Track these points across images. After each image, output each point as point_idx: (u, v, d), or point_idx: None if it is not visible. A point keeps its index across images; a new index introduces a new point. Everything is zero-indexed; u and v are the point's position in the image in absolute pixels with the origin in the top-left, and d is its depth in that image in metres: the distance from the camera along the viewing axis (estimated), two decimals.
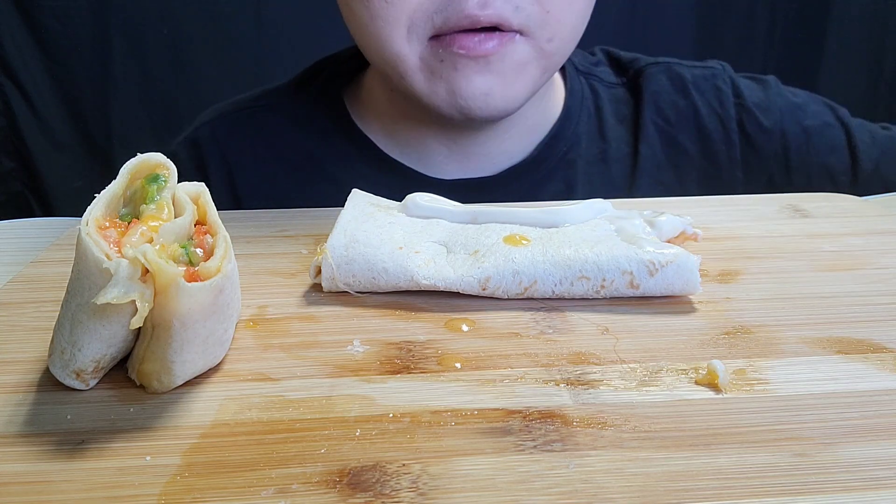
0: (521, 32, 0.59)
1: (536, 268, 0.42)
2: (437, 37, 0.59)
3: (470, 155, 0.70)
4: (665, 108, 0.76)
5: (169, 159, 0.36)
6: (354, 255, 0.42)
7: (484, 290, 0.42)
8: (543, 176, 0.71)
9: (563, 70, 0.76)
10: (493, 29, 0.58)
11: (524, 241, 0.44)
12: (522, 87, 0.63)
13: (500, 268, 0.42)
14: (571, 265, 0.42)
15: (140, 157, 0.35)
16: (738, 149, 0.75)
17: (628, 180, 0.73)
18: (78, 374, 0.33)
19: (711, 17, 1.44)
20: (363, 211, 0.46)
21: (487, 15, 0.57)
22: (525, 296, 0.42)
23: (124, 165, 0.35)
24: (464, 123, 0.64)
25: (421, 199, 0.48)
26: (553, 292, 0.42)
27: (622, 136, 0.75)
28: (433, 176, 0.70)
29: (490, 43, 0.58)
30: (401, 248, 0.43)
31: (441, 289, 0.42)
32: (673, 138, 0.75)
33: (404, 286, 0.42)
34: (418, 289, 0.42)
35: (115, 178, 0.34)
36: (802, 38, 1.44)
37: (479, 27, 0.57)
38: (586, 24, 0.65)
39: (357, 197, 0.49)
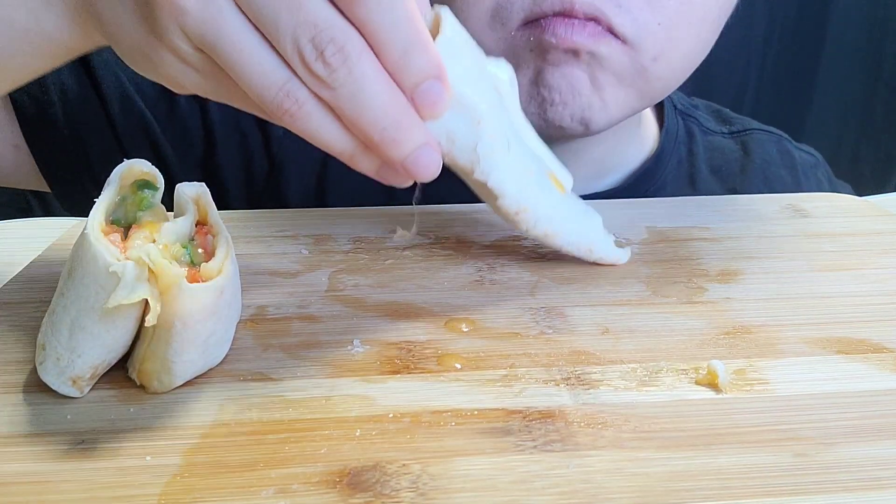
0: (622, 40, 0.53)
1: (566, 223, 0.43)
2: (529, 23, 0.53)
3: None
4: (772, 180, 0.73)
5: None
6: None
7: (516, 215, 0.42)
8: None
9: (659, 106, 0.72)
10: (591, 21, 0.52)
11: (562, 189, 0.43)
12: (615, 104, 0.56)
13: (538, 205, 0.42)
14: (588, 237, 0.44)
15: (127, 162, 0.35)
16: None
17: None
18: (74, 381, 0.32)
19: None
20: (457, 54, 0.37)
21: (583, 4, 0.51)
22: (539, 240, 0.44)
23: (115, 170, 0.35)
24: (539, 124, 0.56)
25: (507, 76, 0.42)
26: (559, 248, 0.44)
27: (713, 188, 0.71)
28: None
29: (584, 31, 0.51)
30: (479, 122, 0.38)
31: (488, 186, 0.40)
32: None
33: (460, 166, 0.39)
34: (471, 174, 0.39)
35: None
36: (801, 39, 1.44)
37: (575, 16, 0.51)
38: (700, 60, 0.58)
39: (451, 28, 0.37)
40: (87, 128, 0.65)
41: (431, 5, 0.38)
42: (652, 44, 0.53)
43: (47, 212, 1.40)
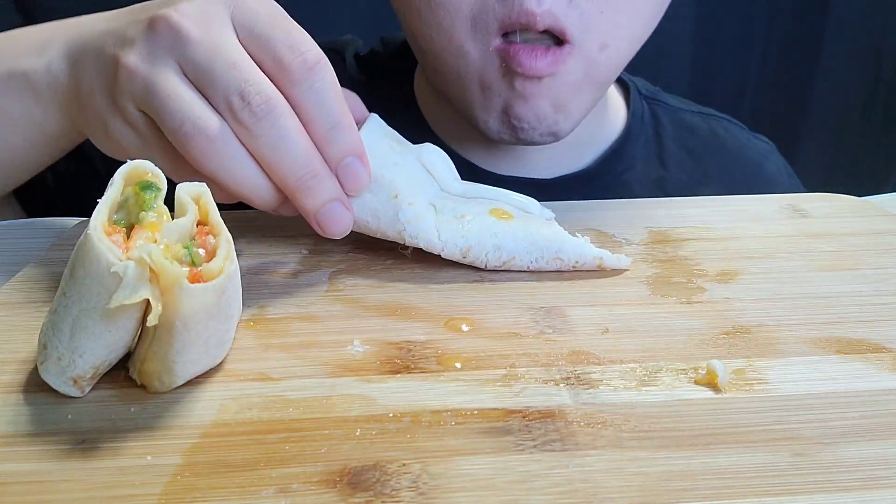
0: (571, 42, 0.56)
1: (517, 244, 0.44)
2: (504, 35, 0.56)
3: (513, 160, 0.68)
4: (740, 159, 0.77)
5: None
6: None
7: (465, 258, 0.44)
8: (597, 194, 0.68)
9: (626, 91, 0.76)
10: (547, 34, 0.55)
11: (508, 217, 0.46)
12: (576, 111, 0.60)
13: (482, 240, 0.44)
14: (549, 249, 0.44)
15: (131, 163, 0.35)
16: None
17: None
18: (75, 381, 0.33)
19: (709, 17, 1.44)
20: (376, 143, 0.45)
21: (543, 14, 0.54)
22: (503, 268, 0.45)
23: (118, 171, 0.35)
24: (511, 142, 0.62)
25: (436, 156, 0.48)
26: (528, 267, 0.45)
27: (684, 165, 0.74)
28: (483, 167, 0.68)
29: (544, 61, 0.55)
30: (396, 196, 0.44)
31: (423, 248, 0.44)
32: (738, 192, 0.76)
33: (392, 237, 0.44)
34: (403, 243, 0.44)
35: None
36: (801, 39, 1.43)
37: (536, 30, 0.55)
38: (647, 35, 0.61)
39: (374, 124, 0.47)
40: (69, 170, 0.66)
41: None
42: (597, 34, 0.56)
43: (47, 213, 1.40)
